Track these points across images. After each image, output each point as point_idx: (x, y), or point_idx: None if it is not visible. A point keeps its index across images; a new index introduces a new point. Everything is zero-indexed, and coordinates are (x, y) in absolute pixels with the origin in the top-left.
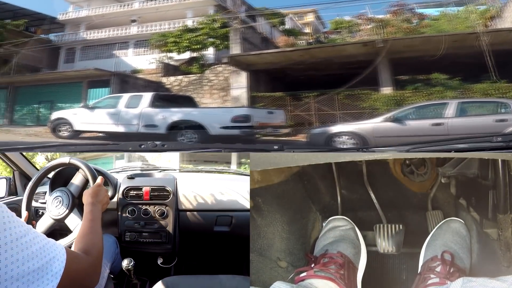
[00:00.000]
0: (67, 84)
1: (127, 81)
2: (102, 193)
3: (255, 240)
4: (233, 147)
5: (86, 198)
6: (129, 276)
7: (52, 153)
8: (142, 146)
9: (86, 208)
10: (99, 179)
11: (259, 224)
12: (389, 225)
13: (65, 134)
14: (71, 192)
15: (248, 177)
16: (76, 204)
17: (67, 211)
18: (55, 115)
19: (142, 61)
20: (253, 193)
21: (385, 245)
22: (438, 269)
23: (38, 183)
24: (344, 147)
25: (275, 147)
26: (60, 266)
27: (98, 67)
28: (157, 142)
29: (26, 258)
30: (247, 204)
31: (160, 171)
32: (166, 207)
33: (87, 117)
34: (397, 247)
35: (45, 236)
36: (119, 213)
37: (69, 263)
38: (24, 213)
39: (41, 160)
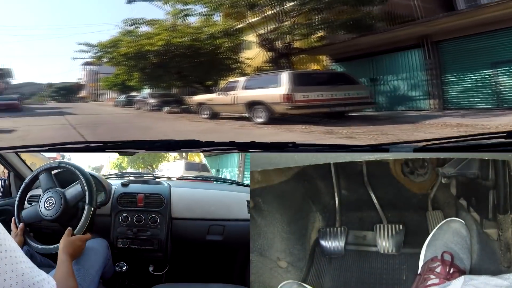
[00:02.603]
0: None
1: None
2: (79, 247)
3: (255, 240)
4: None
5: (62, 245)
6: (121, 281)
7: None
8: (146, 146)
9: (60, 256)
10: (88, 236)
11: (259, 224)
12: (390, 225)
13: None
14: (64, 195)
15: (243, 188)
16: (68, 205)
17: (57, 214)
18: None
19: None
20: (253, 193)
21: (385, 245)
22: (438, 269)
23: (30, 185)
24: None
25: (290, 145)
26: None
27: None
28: (158, 143)
29: (15, 273)
30: (240, 214)
31: (154, 179)
32: (159, 215)
33: None
34: (397, 247)
35: (30, 260)
36: (112, 219)
37: None
38: (19, 225)
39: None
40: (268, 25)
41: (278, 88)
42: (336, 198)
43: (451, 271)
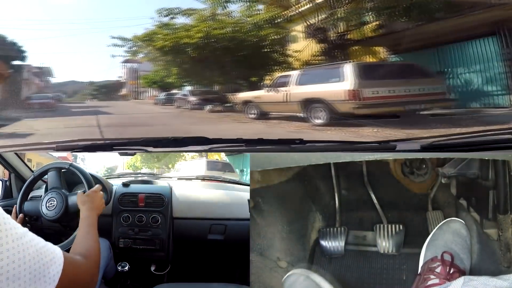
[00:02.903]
0: None
1: None
2: (97, 199)
3: (255, 240)
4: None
5: (81, 202)
6: (123, 281)
7: None
8: (152, 144)
9: (82, 213)
10: (97, 187)
11: (259, 224)
12: (389, 226)
13: None
14: (67, 200)
15: (244, 186)
16: (68, 210)
17: (57, 216)
18: None
19: None
20: (253, 193)
21: (385, 245)
22: (438, 270)
23: (31, 185)
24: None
25: (297, 141)
26: (58, 269)
27: None
28: (160, 140)
29: (23, 260)
30: (241, 213)
31: (156, 179)
32: (161, 215)
33: None
34: (397, 247)
35: (42, 239)
36: (114, 219)
37: (66, 267)
38: (19, 215)
39: None
40: (319, 13)
41: (341, 83)
42: (336, 198)
43: (451, 271)
